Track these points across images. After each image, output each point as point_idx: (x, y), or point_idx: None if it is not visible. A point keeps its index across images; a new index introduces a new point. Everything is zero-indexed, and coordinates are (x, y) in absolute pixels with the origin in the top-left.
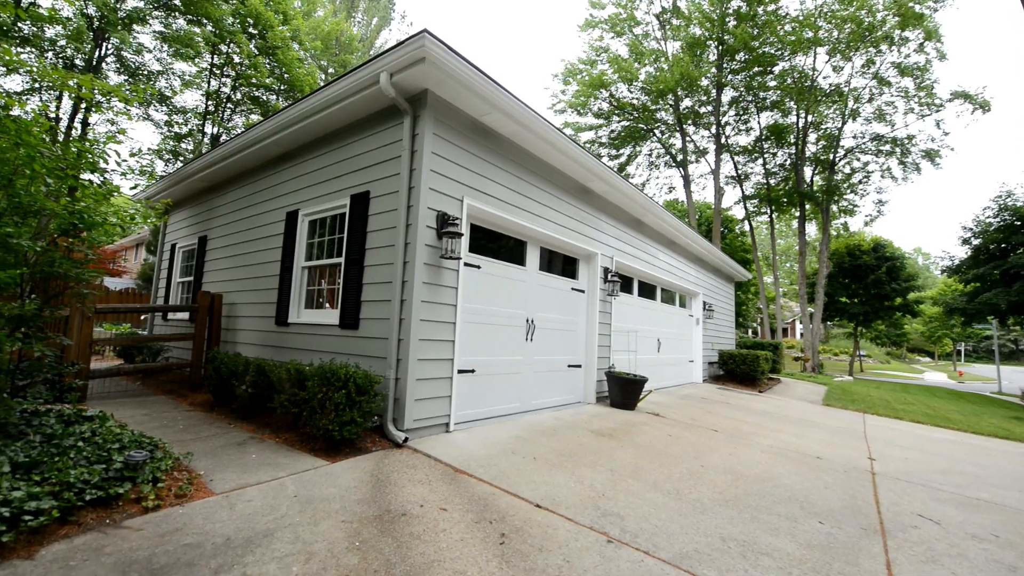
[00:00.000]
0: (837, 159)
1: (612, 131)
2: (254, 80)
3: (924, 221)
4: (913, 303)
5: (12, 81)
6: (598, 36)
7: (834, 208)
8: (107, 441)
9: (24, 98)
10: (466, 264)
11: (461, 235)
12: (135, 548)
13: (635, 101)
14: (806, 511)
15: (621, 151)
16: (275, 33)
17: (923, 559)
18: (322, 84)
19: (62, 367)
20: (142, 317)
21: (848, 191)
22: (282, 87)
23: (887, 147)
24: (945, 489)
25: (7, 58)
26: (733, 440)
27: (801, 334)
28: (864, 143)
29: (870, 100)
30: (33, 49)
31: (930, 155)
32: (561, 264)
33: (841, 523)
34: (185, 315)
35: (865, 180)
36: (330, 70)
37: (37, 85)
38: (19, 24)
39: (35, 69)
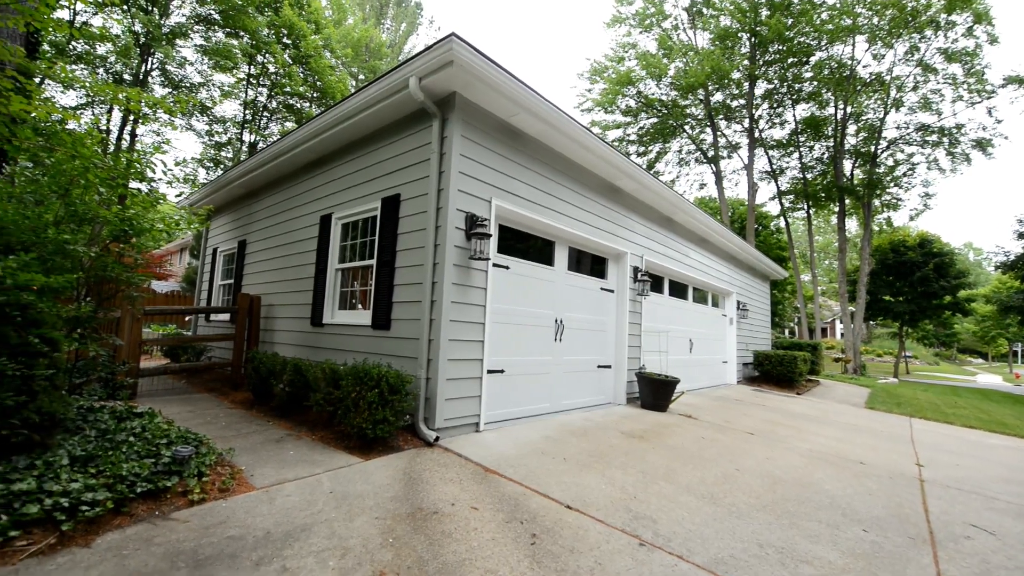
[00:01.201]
0: (879, 151)
1: (641, 127)
2: (288, 88)
3: (975, 214)
4: (964, 301)
5: (67, 97)
6: (625, 32)
7: (876, 203)
8: (156, 436)
9: (78, 112)
10: (495, 265)
11: (490, 236)
12: (182, 539)
13: (664, 97)
14: (849, 518)
15: (650, 148)
16: (308, 42)
17: (976, 571)
18: (353, 90)
19: (114, 366)
20: (186, 318)
21: (891, 184)
22: (315, 94)
23: (933, 137)
24: (1001, 498)
25: (63, 75)
26: (769, 443)
27: (842, 334)
28: (908, 134)
29: (914, 88)
30: (86, 66)
31: (981, 144)
32: (590, 264)
33: (887, 531)
34: (226, 316)
35: (910, 172)
36: (360, 76)
37: (90, 100)
38: (73, 43)
39: (89, 85)
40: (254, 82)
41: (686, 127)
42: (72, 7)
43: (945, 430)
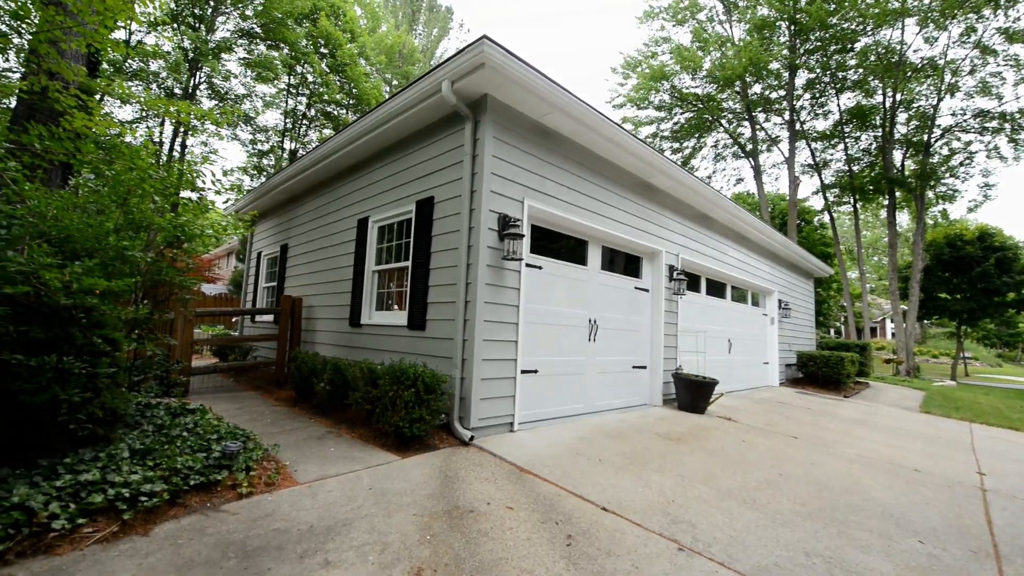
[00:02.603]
0: (932, 140)
1: (675, 123)
2: (326, 97)
3: None
4: None
5: (124, 111)
6: (658, 27)
7: (930, 194)
8: (207, 432)
9: (134, 126)
10: (528, 265)
11: (522, 236)
12: (232, 530)
13: (699, 91)
14: (903, 528)
15: (684, 144)
16: (344, 51)
17: None
18: (387, 96)
19: (169, 365)
20: (233, 319)
21: (947, 175)
22: (351, 101)
23: (994, 123)
24: None
25: (120, 91)
26: (815, 448)
27: (892, 334)
28: (965, 120)
29: (971, 72)
30: (140, 82)
31: None
32: (624, 263)
33: (945, 543)
34: (270, 317)
35: (967, 162)
36: (394, 82)
37: (144, 113)
38: (128, 61)
39: (143, 100)
40: (293, 92)
41: (722, 121)
42: (128, 28)
43: (1010, 436)
